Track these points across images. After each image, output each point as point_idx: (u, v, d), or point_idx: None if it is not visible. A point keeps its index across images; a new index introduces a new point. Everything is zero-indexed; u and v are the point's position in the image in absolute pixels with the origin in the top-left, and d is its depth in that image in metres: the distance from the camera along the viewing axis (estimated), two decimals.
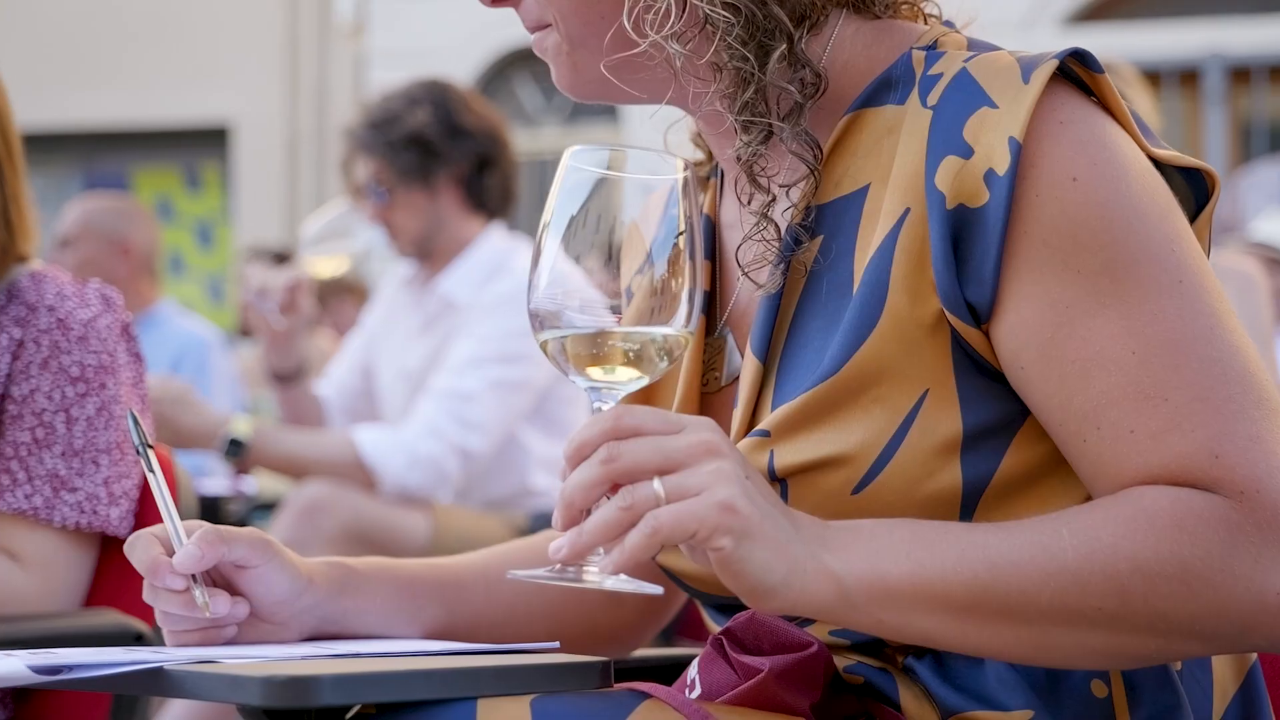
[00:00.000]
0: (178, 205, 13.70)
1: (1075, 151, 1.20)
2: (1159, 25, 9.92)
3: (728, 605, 1.38)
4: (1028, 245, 1.20)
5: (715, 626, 1.41)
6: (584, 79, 1.35)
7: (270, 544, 1.36)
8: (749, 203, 1.30)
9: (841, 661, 1.27)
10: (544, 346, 1.21)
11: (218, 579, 1.36)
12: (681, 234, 1.19)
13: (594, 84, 1.35)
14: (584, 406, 3.86)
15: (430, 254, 3.81)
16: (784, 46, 1.26)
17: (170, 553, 1.33)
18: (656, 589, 1.16)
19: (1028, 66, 1.22)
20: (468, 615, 1.49)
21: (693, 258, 1.19)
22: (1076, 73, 1.24)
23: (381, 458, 3.51)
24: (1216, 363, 1.17)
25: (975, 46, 1.30)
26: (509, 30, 13.33)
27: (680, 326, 1.18)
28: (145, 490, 2.07)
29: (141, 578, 2.07)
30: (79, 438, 2.01)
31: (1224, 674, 1.30)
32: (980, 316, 1.22)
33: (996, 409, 1.24)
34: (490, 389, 3.59)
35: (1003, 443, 1.24)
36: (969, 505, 1.23)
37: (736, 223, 1.39)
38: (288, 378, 3.73)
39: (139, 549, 1.34)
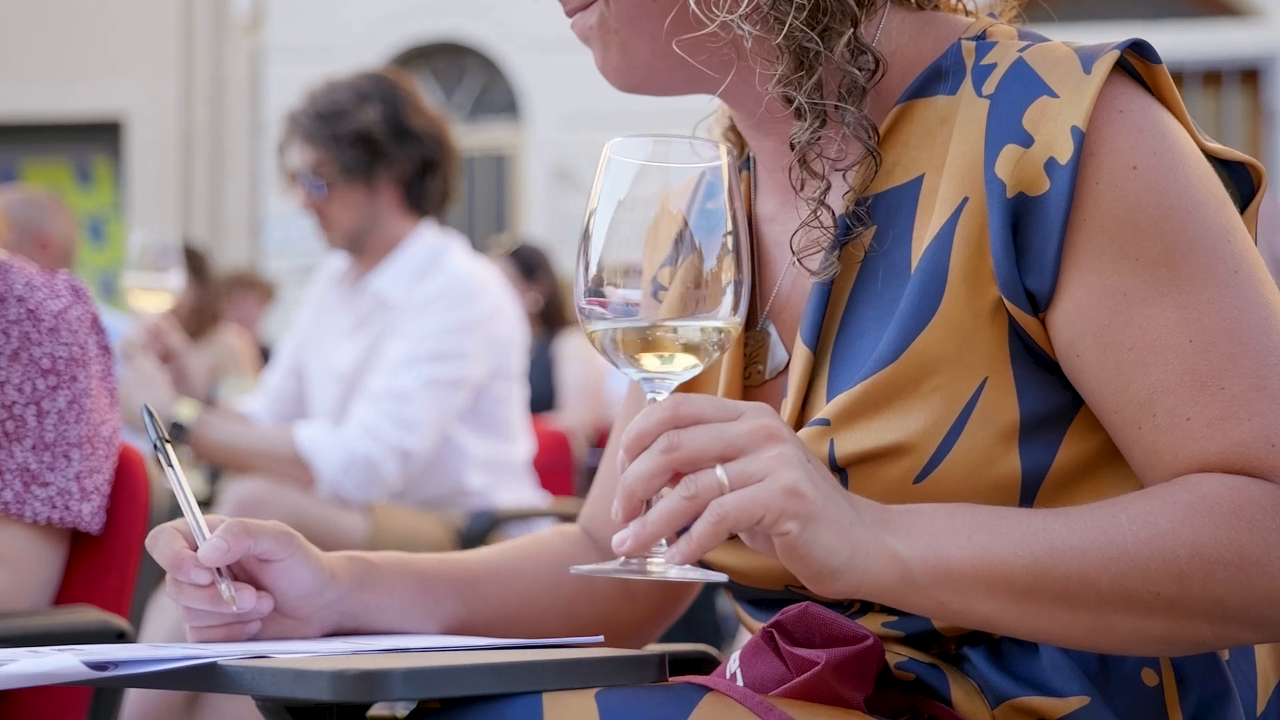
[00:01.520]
0: (68, 200, 13.46)
1: (1135, 141, 1.21)
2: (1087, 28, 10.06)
3: (766, 600, 1.38)
4: (1087, 233, 1.21)
5: (753, 622, 1.41)
6: (634, 63, 1.34)
7: (294, 537, 1.34)
8: (801, 189, 1.30)
9: (892, 658, 1.27)
10: (592, 338, 1.20)
11: (240, 573, 1.34)
12: (731, 227, 1.18)
13: (641, 70, 1.34)
14: (520, 408, 3.84)
15: (361, 250, 3.77)
16: (850, 30, 1.26)
17: (193, 547, 1.31)
18: (722, 576, 1.15)
19: (1087, 57, 1.23)
20: (484, 610, 1.47)
21: (739, 247, 1.18)
22: (1132, 64, 1.25)
23: (320, 454, 3.48)
24: (1272, 352, 1.18)
25: (1026, 36, 1.31)
26: (409, 25, 13.27)
27: (730, 316, 1.17)
28: (116, 485, 2.03)
29: (114, 575, 2.04)
30: (50, 431, 1.96)
31: (1265, 664, 1.31)
32: (1039, 304, 1.23)
33: (1051, 398, 1.24)
34: (425, 387, 3.57)
35: (1058, 433, 1.25)
36: (1028, 495, 1.24)
37: (775, 215, 1.39)
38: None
39: (161, 543, 1.31)
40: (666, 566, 1.13)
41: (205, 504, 3.84)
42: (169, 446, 1.36)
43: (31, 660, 1.11)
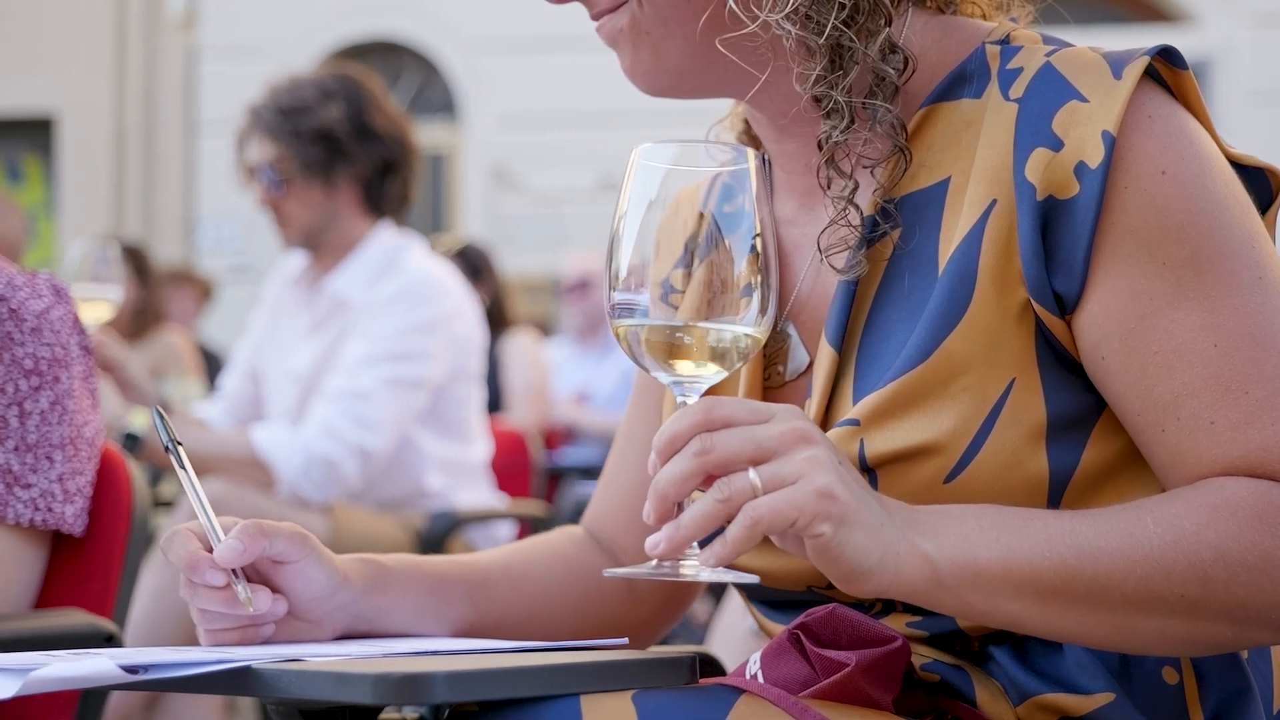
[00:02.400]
0: None
1: (1164, 146, 1.22)
2: None
3: (784, 601, 1.38)
4: (1115, 236, 1.22)
5: (769, 624, 1.41)
6: (665, 65, 1.33)
7: (308, 538, 1.33)
8: (829, 187, 1.30)
9: (916, 659, 1.28)
10: (622, 341, 1.20)
11: (253, 576, 1.33)
12: (761, 231, 1.18)
13: (672, 73, 1.34)
14: (478, 409, 3.83)
15: (317, 248, 3.74)
16: (886, 29, 1.27)
17: (207, 549, 1.30)
18: (753, 578, 1.15)
19: (1117, 62, 1.25)
20: (493, 613, 1.47)
21: (768, 250, 1.18)
22: (1158, 69, 1.26)
23: (279, 455, 3.46)
24: None
25: (1050, 41, 1.32)
26: (346, 24, 13.21)
27: (759, 319, 1.18)
28: (98, 487, 2.01)
29: (97, 577, 2.02)
30: (32, 432, 1.94)
31: None
32: (1066, 306, 1.24)
33: (1075, 400, 1.26)
34: (385, 387, 3.55)
35: (1083, 435, 1.26)
36: (1055, 496, 1.25)
37: (793, 218, 1.39)
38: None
39: (176, 545, 1.30)
40: (699, 569, 1.14)
41: (164, 505, 3.81)
42: (180, 448, 1.35)
43: (64, 664, 1.09)
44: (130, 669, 1.09)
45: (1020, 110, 1.26)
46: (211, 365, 7.97)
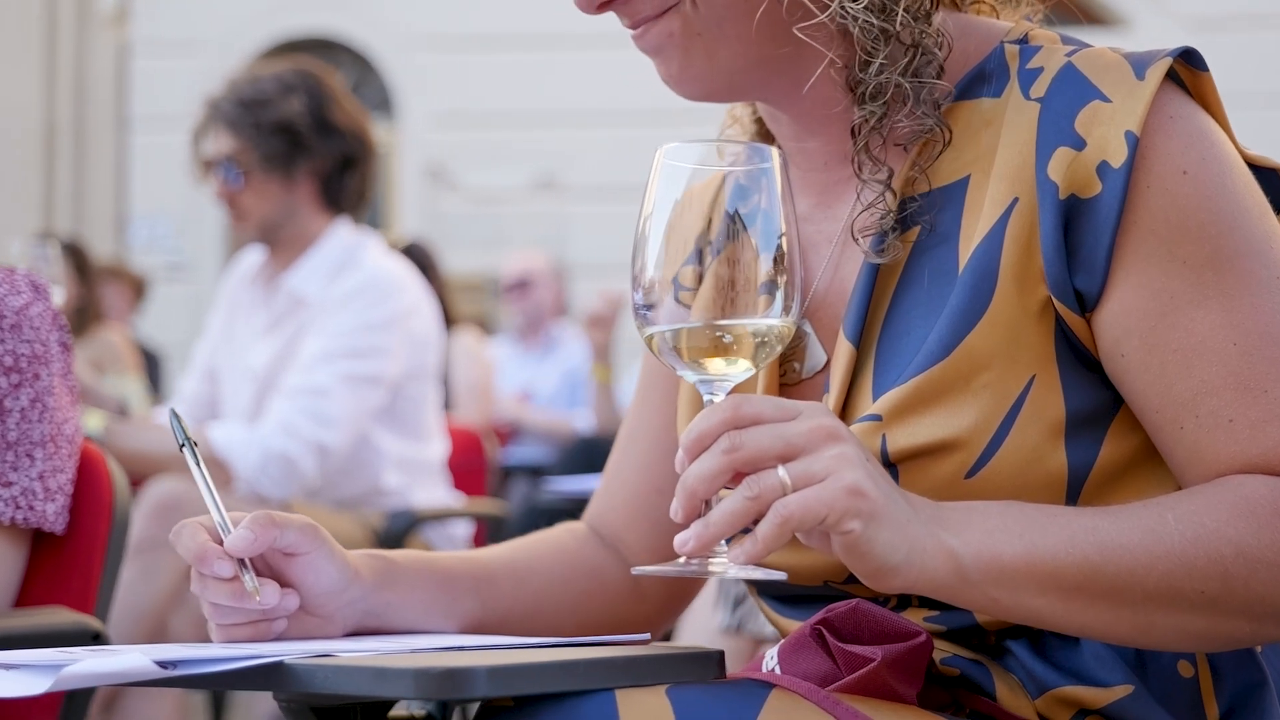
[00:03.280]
0: None
1: (1186, 146, 1.24)
2: None
3: (797, 597, 1.39)
4: (1137, 235, 1.23)
5: (781, 619, 1.41)
6: (717, 68, 1.32)
7: (319, 530, 1.32)
8: (861, 174, 1.31)
9: (935, 654, 1.29)
10: (649, 341, 1.20)
11: (265, 570, 1.32)
12: (786, 229, 1.19)
13: (723, 76, 1.33)
14: (435, 407, 3.82)
15: (274, 243, 3.72)
16: (940, 13, 1.29)
17: (217, 543, 1.29)
18: (781, 575, 1.16)
19: (1139, 63, 1.26)
20: (499, 609, 1.46)
21: (793, 248, 1.19)
22: (1177, 70, 1.28)
23: (236, 452, 3.43)
24: None
25: (1069, 41, 1.33)
26: (280, 20, 13.13)
27: (785, 317, 1.18)
28: (79, 484, 1.99)
29: (78, 575, 2.00)
30: (13, 430, 1.92)
31: None
32: (1086, 304, 1.25)
33: (1093, 397, 1.27)
34: (342, 383, 3.54)
35: (1100, 432, 1.27)
36: (1074, 492, 1.26)
37: (808, 215, 1.40)
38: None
39: (185, 537, 1.29)
40: (727, 565, 1.14)
41: None
42: (195, 447, 1.34)
43: (98, 659, 1.08)
44: (163, 665, 1.09)
45: (1042, 109, 1.27)
46: (149, 363, 7.91)
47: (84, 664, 1.06)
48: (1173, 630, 1.19)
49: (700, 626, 2.81)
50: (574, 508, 3.94)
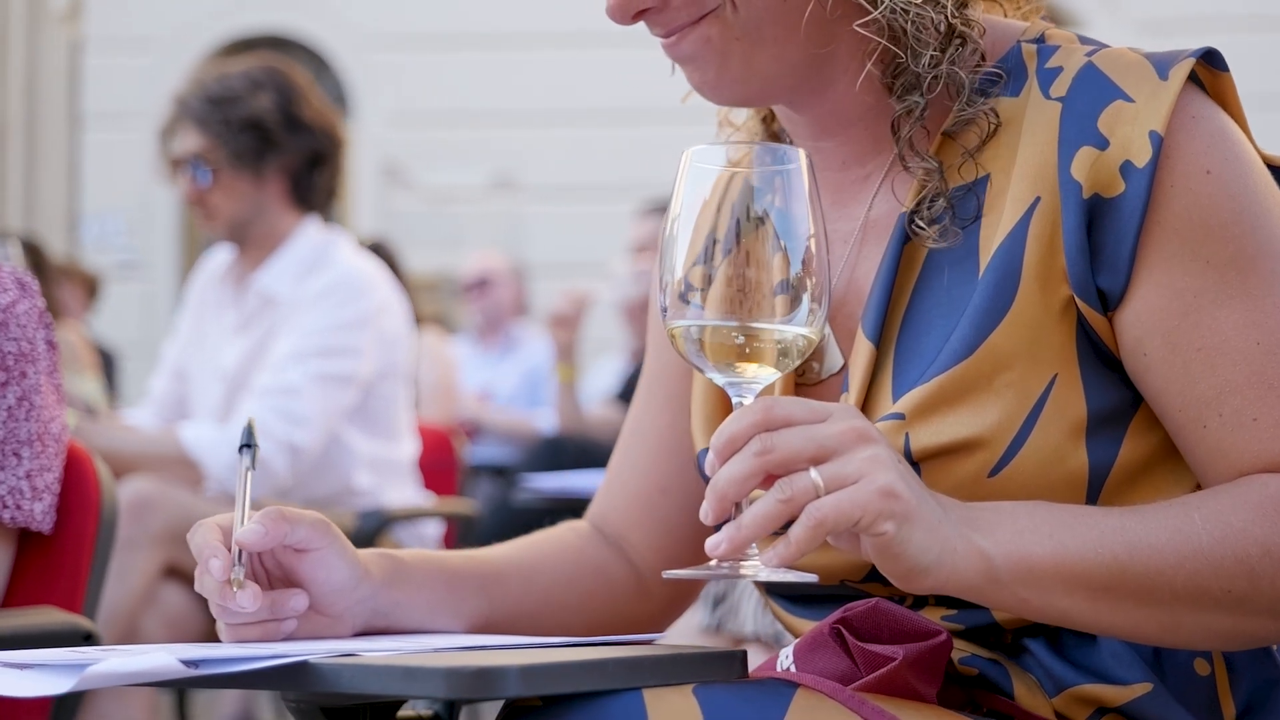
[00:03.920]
0: None
1: (1208, 146, 1.25)
2: None
3: (809, 596, 1.39)
4: (1160, 235, 1.24)
5: (791, 618, 1.41)
6: (755, 72, 1.31)
7: (330, 526, 1.31)
8: (905, 163, 1.32)
9: (954, 654, 1.29)
10: (677, 342, 1.19)
11: (275, 567, 1.31)
12: (814, 230, 1.19)
13: (760, 80, 1.32)
14: (406, 407, 3.80)
15: (244, 242, 3.69)
16: (981, 5, 1.30)
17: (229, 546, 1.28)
18: (812, 577, 1.16)
19: (1161, 63, 1.27)
20: (506, 608, 1.46)
21: (821, 250, 1.19)
22: (1196, 70, 1.28)
23: (207, 452, 3.41)
24: None
25: (1087, 41, 1.34)
26: (234, 17, 13.05)
27: (813, 319, 1.18)
28: (66, 483, 1.97)
29: (66, 575, 1.98)
30: None
31: None
32: (1109, 303, 1.26)
33: (1113, 396, 1.28)
34: (314, 383, 3.51)
35: (1120, 430, 1.28)
36: (1094, 491, 1.26)
37: (824, 214, 1.40)
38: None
39: (198, 536, 1.28)
40: (759, 568, 1.14)
41: None
42: (255, 452, 1.34)
43: (123, 659, 1.07)
44: (189, 664, 1.08)
45: (1064, 109, 1.27)
46: (105, 363, 7.84)
47: (108, 663, 1.05)
48: (1199, 629, 1.20)
49: (680, 626, 2.80)
50: (550, 506, 3.93)
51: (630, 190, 10.76)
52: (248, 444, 1.33)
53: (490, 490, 5.86)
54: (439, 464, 4.21)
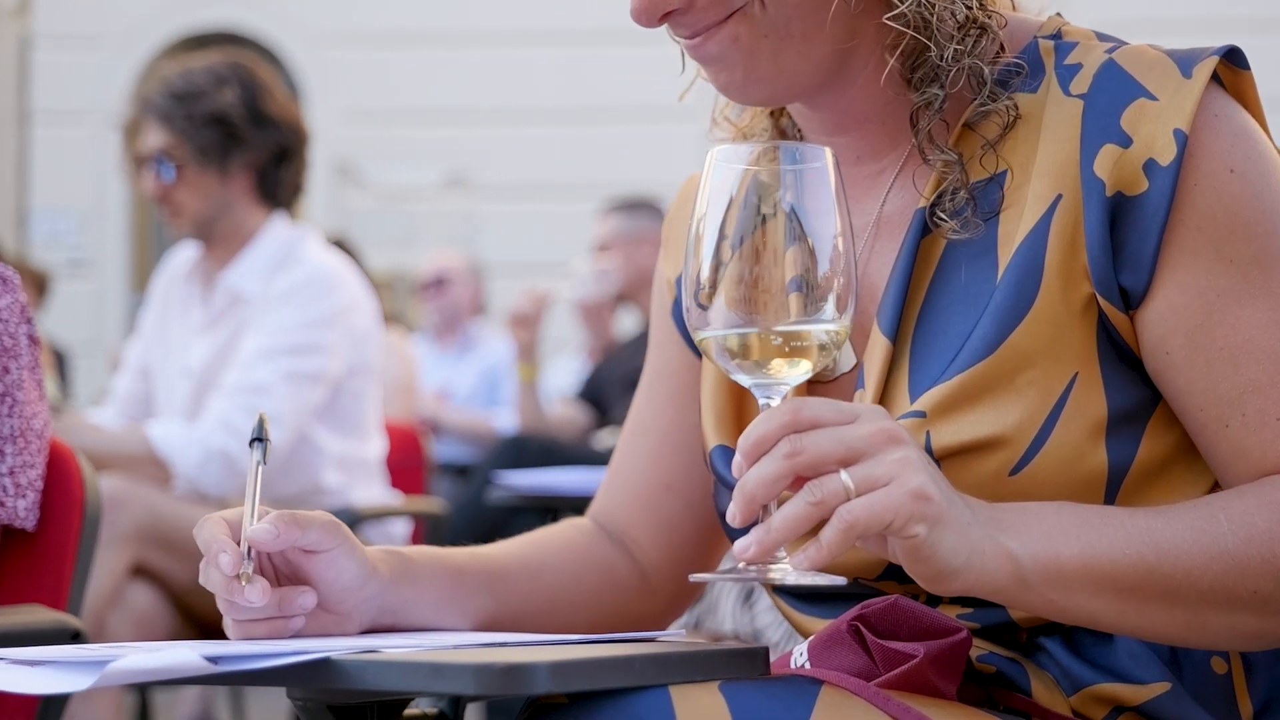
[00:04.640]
0: None
1: (1232, 144, 1.25)
2: None
3: (818, 594, 1.38)
4: (1183, 233, 1.24)
5: (800, 616, 1.41)
6: (782, 70, 1.30)
7: (340, 526, 1.30)
8: (925, 158, 1.31)
9: (973, 651, 1.28)
10: (704, 345, 1.18)
11: (284, 566, 1.29)
12: (841, 229, 1.18)
13: (787, 78, 1.31)
14: (375, 404, 3.78)
15: (210, 239, 3.66)
16: None
17: (236, 542, 1.26)
18: (840, 580, 1.15)
19: (1184, 61, 1.27)
20: (512, 605, 1.44)
21: (849, 249, 1.18)
22: (1217, 69, 1.28)
23: (176, 450, 3.38)
24: None
25: (1105, 38, 1.33)
26: (186, 14, 12.97)
27: (840, 318, 1.17)
28: (49, 481, 1.95)
29: (50, 573, 1.96)
30: None
31: None
32: (1131, 301, 1.25)
33: (1133, 394, 1.27)
34: (283, 380, 3.49)
35: (1139, 429, 1.27)
36: (1113, 490, 1.26)
37: None
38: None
39: (205, 531, 1.27)
40: (787, 571, 1.13)
41: None
42: (267, 446, 1.33)
43: (144, 655, 1.06)
44: (212, 660, 1.06)
45: (1086, 106, 1.27)
46: (58, 362, 7.77)
47: (131, 660, 1.04)
48: (1224, 630, 1.20)
49: None
50: (524, 504, 3.91)
51: (586, 189, 10.76)
52: (259, 438, 1.31)
53: (450, 489, 5.83)
54: (406, 462, 4.19)
